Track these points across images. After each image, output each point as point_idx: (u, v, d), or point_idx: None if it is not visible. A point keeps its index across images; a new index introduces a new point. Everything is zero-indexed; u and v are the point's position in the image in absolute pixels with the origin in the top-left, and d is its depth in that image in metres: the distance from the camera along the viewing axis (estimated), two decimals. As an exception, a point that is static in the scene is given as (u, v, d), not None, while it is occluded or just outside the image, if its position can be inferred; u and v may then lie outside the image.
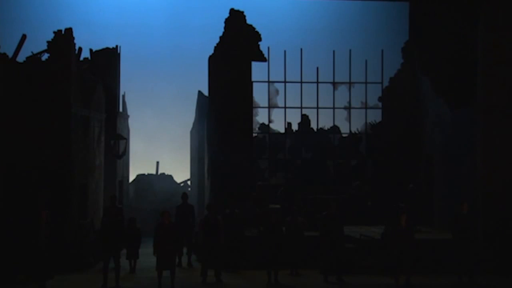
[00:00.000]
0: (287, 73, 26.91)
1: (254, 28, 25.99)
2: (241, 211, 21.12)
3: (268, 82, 26.84)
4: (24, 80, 20.47)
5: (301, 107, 27.33)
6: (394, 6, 28.98)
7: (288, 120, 27.59)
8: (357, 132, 27.82)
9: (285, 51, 26.79)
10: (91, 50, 26.10)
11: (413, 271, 17.45)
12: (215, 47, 25.99)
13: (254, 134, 26.93)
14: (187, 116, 33.64)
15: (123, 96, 29.75)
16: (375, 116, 27.64)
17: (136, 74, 36.44)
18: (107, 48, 27.05)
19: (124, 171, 29.81)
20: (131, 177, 33.10)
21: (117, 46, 27.61)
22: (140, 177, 34.62)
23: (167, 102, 41.59)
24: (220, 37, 25.96)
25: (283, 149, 27.62)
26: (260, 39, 26.02)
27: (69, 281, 18.19)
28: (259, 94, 26.76)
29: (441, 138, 24.16)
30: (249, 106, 26.09)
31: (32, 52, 21.60)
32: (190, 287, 17.69)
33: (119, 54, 27.65)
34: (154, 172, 35.80)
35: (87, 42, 24.85)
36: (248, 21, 26.00)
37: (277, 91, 27.11)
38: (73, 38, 21.07)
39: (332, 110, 27.38)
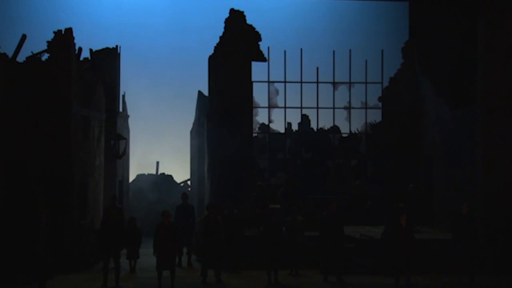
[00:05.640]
0: (287, 73, 26.94)
1: (254, 28, 25.99)
2: (241, 211, 21.11)
3: (268, 82, 26.85)
4: (24, 80, 20.46)
5: (301, 107, 27.34)
6: (394, 6, 28.98)
7: (288, 120, 27.63)
8: (357, 132, 27.82)
9: (285, 51, 26.81)
10: (91, 50, 26.08)
11: (413, 271, 17.45)
12: (215, 47, 25.98)
13: (254, 134, 26.93)
14: (187, 116, 33.62)
15: (123, 96, 29.73)
16: (375, 116, 27.66)
17: (136, 74, 36.39)
18: (107, 48, 27.02)
19: (124, 171, 29.79)
20: (131, 177, 33.09)
21: (117, 46, 27.58)
22: (140, 177, 34.64)
23: (167, 102, 41.52)
24: (220, 37, 25.96)
25: (283, 149, 27.62)
26: (260, 39, 26.02)
27: (69, 281, 18.19)
28: (259, 94, 26.79)
29: (441, 138, 24.16)
30: (249, 106, 26.10)
31: (32, 52, 21.61)
32: (190, 287, 17.69)
33: (119, 54, 27.62)
34: (154, 172, 35.80)
35: (87, 42, 24.86)
36: (248, 21, 26.00)
37: (277, 91, 27.13)
38: (73, 38, 21.06)
39: (332, 110, 27.39)
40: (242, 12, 26.04)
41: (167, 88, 42.18)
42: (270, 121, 27.42)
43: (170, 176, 35.53)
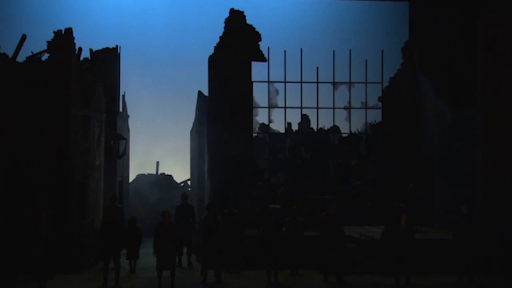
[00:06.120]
0: (287, 73, 26.96)
1: (254, 28, 26.02)
2: (241, 211, 21.12)
3: (268, 82, 26.86)
4: (24, 80, 20.46)
5: (301, 107, 27.35)
6: (394, 6, 29.00)
7: (288, 120, 27.66)
8: (357, 132, 27.83)
9: (285, 51, 26.83)
10: (91, 50, 26.11)
11: (413, 271, 17.45)
12: (215, 47, 26.01)
13: (254, 134, 26.94)
14: (187, 116, 33.69)
15: (123, 96, 29.76)
16: (375, 116, 27.69)
17: (136, 74, 36.46)
18: (107, 48, 27.04)
19: (124, 171, 29.81)
20: (131, 177, 33.11)
21: (117, 46, 27.60)
22: (140, 177, 34.65)
23: (167, 102, 41.62)
24: (220, 37, 25.98)
25: (283, 149, 27.63)
26: (260, 39, 26.05)
27: (69, 281, 18.19)
28: (259, 94, 26.82)
29: (441, 138, 24.16)
30: (249, 106, 26.11)
31: (32, 52, 21.60)
32: (190, 287, 17.69)
33: (119, 54, 27.64)
34: (154, 172, 35.82)
35: (87, 42, 24.89)
36: (248, 21, 26.03)
37: (277, 91, 27.14)
38: (73, 38, 21.06)
39: (332, 110, 27.40)
40: (242, 12, 26.06)
41: (167, 88, 42.33)
42: (270, 121, 27.47)
43: (170, 176, 35.56)
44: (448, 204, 22.68)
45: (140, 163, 35.42)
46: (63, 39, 20.81)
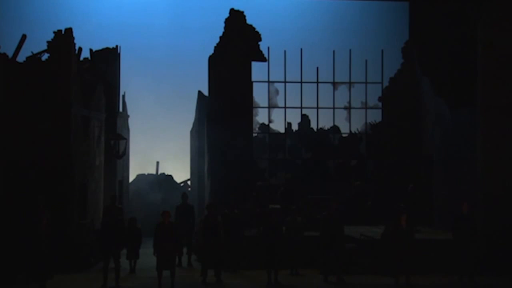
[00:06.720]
0: (287, 73, 26.96)
1: (254, 28, 26.02)
2: (241, 211, 21.12)
3: (268, 82, 26.86)
4: (24, 80, 20.46)
5: (301, 107, 27.35)
6: (394, 6, 29.02)
7: (288, 120, 27.65)
8: (357, 132, 27.82)
9: (285, 51, 26.82)
10: (91, 50, 26.10)
11: (413, 271, 17.45)
12: (215, 47, 26.01)
13: (254, 134, 26.94)
14: (187, 116, 33.69)
15: (123, 96, 29.76)
16: (375, 116, 27.68)
17: (136, 74, 36.44)
18: (107, 48, 27.04)
19: (124, 171, 29.81)
20: (131, 177, 33.11)
21: (117, 46, 27.61)
22: (140, 177, 34.66)
23: (167, 102, 41.64)
24: (220, 37, 25.98)
25: (283, 149, 27.63)
26: (260, 39, 26.05)
27: (69, 281, 18.19)
28: (259, 94, 26.82)
29: (441, 138, 24.16)
30: (249, 106, 26.11)
31: (32, 52, 21.60)
32: (190, 287, 17.69)
33: (119, 54, 27.65)
34: (154, 172, 35.82)
35: (87, 42, 24.89)
36: (248, 21, 26.03)
37: (277, 91, 27.15)
38: (73, 38, 21.06)
39: (332, 110, 27.40)
40: (242, 12, 26.06)
41: (167, 88, 42.31)
42: (270, 121, 27.46)
43: (170, 176, 35.56)
44: (448, 204, 22.68)
45: (140, 163, 35.44)
46: (63, 39, 20.81)
